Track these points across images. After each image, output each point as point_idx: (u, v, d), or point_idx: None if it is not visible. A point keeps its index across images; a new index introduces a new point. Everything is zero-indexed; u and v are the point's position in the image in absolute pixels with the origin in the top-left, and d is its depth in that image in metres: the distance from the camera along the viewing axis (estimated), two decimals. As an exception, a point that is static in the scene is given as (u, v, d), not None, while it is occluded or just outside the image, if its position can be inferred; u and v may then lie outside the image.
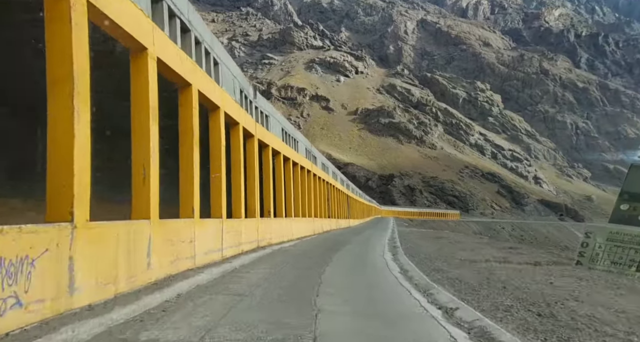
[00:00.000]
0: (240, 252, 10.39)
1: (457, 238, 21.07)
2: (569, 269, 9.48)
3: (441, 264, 10.35)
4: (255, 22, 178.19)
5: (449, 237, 21.21)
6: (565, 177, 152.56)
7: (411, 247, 14.73)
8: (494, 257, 11.91)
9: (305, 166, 20.19)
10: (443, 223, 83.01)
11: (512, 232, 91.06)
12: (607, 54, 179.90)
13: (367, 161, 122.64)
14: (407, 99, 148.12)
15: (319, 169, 24.13)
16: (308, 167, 20.71)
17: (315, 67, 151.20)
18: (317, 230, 22.09)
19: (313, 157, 22.67)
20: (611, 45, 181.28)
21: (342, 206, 33.74)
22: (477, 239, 21.37)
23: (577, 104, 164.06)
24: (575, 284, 7.39)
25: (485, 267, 9.65)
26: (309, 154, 21.35)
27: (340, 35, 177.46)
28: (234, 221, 10.25)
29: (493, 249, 14.87)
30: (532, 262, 10.54)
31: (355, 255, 12.38)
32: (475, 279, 7.80)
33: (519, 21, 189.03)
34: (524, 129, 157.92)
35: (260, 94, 13.87)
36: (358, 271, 9.33)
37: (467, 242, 17.70)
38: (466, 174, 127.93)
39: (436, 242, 17.75)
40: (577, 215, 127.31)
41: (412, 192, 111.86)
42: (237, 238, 10.39)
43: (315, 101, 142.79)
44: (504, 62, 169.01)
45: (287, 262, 9.72)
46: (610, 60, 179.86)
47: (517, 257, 12.12)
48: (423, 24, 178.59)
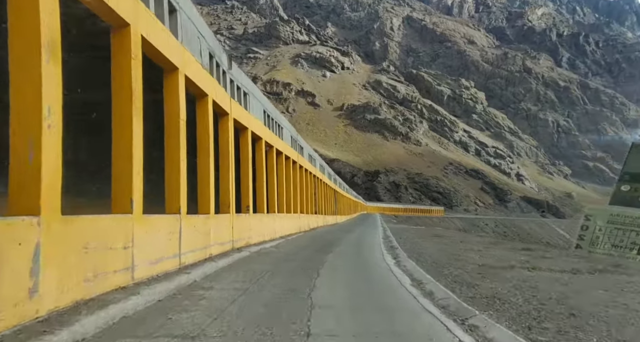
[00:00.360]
0: (207, 258, 8.07)
1: (456, 236, 19.07)
2: (624, 278, 7.43)
3: (458, 271, 8.22)
4: (241, 15, 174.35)
5: (446, 236, 19.17)
6: (547, 175, 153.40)
7: (412, 248, 12.59)
8: (516, 261, 9.84)
9: (291, 156, 17.89)
10: (427, 219, 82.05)
11: (495, 228, 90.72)
12: (587, 53, 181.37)
13: (353, 157, 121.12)
14: (392, 96, 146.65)
15: (306, 161, 21.84)
16: (294, 157, 18.40)
17: (301, 62, 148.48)
18: (303, 227, 19.83)
19: (299, 147, 20.37)
20: (591, 45, 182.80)
21: (329, 202, 31.52)
22: (477, 237, 19.38)
23: (559, 103, 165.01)
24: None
25: (517, 277, 7.54)
26: (294, 143, 19.05)
27: (326, 31, 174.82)
28: (198, 218, 7.92)
29: (504, 251, 12.83)
30: (568, 270, 8.48)
31: (351, 259, 10.13)
32: (521, 298, 5.67)
33: (503, 20, 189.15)
34: (507, 127, 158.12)
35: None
36: (359, 283, 7.12)
37: (471, 242, 15.65)
38: (450, 170, 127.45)
39: (436, 241, 15.66)
40: (558, 212, 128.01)
41: (397, 188, 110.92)
42: (203, 239, 8.07)
43: (301, 96, 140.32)
44: (488, 60, 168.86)
45: (267, 272, 7.44)
46: (591, 59, 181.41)
47: (542, 261, 10.06)
48: (409, 21, 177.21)
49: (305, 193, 21.52)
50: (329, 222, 29.69)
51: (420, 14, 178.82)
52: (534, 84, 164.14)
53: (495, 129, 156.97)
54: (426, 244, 14.28)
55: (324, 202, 28.69)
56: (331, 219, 31.10)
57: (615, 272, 8.29)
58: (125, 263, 5.14)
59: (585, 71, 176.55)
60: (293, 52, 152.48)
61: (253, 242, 11.85)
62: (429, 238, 17.27)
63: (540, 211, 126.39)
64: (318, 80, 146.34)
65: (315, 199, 24.96)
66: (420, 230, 24.97)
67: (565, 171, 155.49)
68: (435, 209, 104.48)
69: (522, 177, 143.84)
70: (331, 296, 5.71)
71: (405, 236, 17.76)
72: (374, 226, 27.93)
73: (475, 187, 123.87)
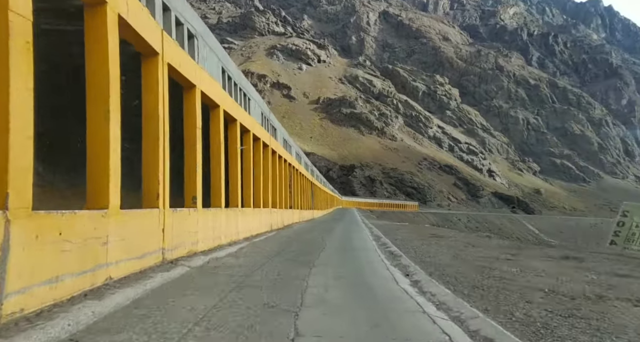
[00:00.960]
0: (88, 289, 4.31)
1: (456, 236, 15.77)
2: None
3: (524, 305, 4.82)
4: (215, 4, 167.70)
5: (446, 236, 15.84)
6: (517, 171, 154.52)
7: (419, 256, 9.15)
8: (587, 282, 6.51)
9: (261, 137, 14.12)
10: (402, 214, 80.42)
11: (467, 223, 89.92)
12: (556, 53, 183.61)
13: (329, 151, 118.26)
14: (368, 90, 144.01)
15: (280, 146, 18.09)
16: (265, 139, 14.63)
17: (276, 54, 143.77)
18: (275, 224, 16.13)
19: (272, 127, 16.61)
20: (560, 45, 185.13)
21: (306, 195, 27.86)
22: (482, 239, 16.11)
23: (529, 101, 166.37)
24: None
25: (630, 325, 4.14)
26: (266, 121, 15.26)
27: (302, 23, 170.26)
28: (71, 218, 4.08)
29: (541, 261, 9.55)
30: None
31: (346, 281, 6.41)
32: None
33: (477, 18, 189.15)
34: (480, 123, 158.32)
35: None
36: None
37: (481, 245, 12.34)
38: (425, 166, 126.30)
39: (441, 244, 12.28)
40: (528, 207, 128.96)
41: (372, 183, 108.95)
42: (89, 255, 4.31)
43: (277, 89, 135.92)
44: (462, 57, 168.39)
45: (193, 323, 3.74)
46: (559, 59, 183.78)
47: (628, 283, 6.78)
48: (385, 16, 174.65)
49: (279, 184, 17.82)
50: (305, 217, 26.10)
51: (397, 9, 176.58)
52: (506, 82, 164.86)
53: (468, 125, 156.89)
54: (431, 249, 10.86)
55: (300, 195, 25.03)
56: (307, 214, 27.50)
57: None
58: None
59: (554, 70, 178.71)
60: (269, 44, 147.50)
61: (201, 249, 8.11)
62: (428, 239, 13.90)
63: (510, 207, 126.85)
64: (294, 72, 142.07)
65: (290, 191, 21.27)
66: (409, 228, 21.63)
67: (534, 167, 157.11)
68: (410, 204, 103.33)
69: (494, 173, 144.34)
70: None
71: (400, 237, 14.32)
72: (356, 222, 24.49)
73: (449, 183, 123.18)
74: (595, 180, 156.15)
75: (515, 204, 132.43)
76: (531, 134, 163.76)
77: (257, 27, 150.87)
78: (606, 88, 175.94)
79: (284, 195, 18.92)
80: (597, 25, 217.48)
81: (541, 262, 8.96)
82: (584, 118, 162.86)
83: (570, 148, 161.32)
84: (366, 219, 30.83)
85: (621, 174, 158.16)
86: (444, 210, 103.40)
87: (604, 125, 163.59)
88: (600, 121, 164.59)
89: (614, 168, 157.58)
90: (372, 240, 13.01)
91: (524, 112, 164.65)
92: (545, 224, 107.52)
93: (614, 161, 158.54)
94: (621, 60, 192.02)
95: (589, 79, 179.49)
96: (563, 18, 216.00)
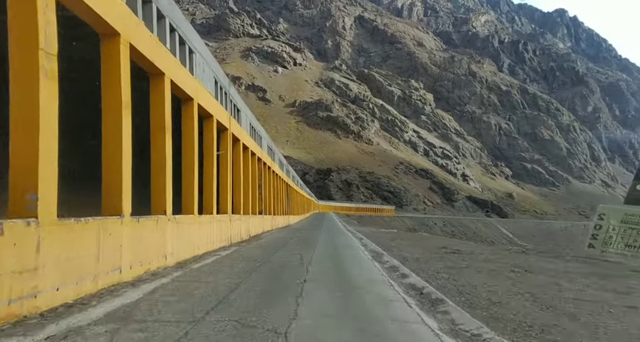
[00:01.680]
0: None
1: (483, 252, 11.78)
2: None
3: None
4: (188, 6, 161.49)
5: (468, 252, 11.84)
6: (490, 175, 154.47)
7: (469, 300, 5.04)
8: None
9: (215, 114, 9.80)
10: (380, 219, 77.76)
11: (443, 227, 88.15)
12: (526, 60, 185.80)
13: (305, 155, 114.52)
14: (345, 94, 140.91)
15: (246, 133, 13.73)
16: (221, 117, 10.29)
17: (252, 56, 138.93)
18: (237, 236, 11.77)
19: (235, 108, 12.27)
20: (529, 52, 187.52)
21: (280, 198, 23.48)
22: (519, 254, 12.14)
23: (501, 106, 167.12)
24: None
25: None
26: (224, 95, 10.91)
27: (278, 27, 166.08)
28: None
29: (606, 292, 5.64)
30: None
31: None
32: None
33: (450, 25, 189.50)
34: (454, 128, 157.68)
35: None
36: None
37: (541, 271, 8.38)
38: (401, 170, 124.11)
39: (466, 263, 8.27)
40: (502, 211, 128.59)
41: (349, 187, 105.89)
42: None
43: (252, 91, 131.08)
44: (435, 62, 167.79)
45: None
46: (529, 66, 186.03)
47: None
48: (360, 21, 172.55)
49: (245, 183, 13.48)
50: (279, 224, 21.82)
51: (372, 14, 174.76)
52: (479, 88, 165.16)
53: (443, 130, 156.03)
54: (466, 275, 6.83)
55: (273, 198, 20.66)
56: (282, 220, 23.18)
57: None
58: None
59: (524, 77, 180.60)
60: (244, 46, 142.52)
61: (45, 304, 3.77)
62: (445, 256, 9.89)
63: (485, 211, 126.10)
64: (269, 75, 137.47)
65: (260, 192, 16.92)
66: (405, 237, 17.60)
67: (507, 171, 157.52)
68: (387, 208, 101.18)
69: (467, 177, 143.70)
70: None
71: (407, 254, 10.22)
72: (339, 231, 20.31)
73: (424, 187, 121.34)
74: (564, 184, 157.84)
75: (489, 208, 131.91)
76: (503, 139, 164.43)
77: (231, 29, 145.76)
78: (573, 95, 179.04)
79: (250, 198, 14.56)
80: (563, 34, 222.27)
81: (604, 291, 5.10)
82: (553, 124, 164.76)
83: (540, 153, 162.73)
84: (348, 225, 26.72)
85: (588, 178, 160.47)
86: (420, 214, 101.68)
87: (572, 131, 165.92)
88: (568, 127, 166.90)
89: (582, 173, 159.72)
90: (374, 261, 8.87)
91: (496, 118, 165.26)
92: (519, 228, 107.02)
93: (581, 166, 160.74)
94: (586, 69, 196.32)
95: (557, 86, 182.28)
96: (531, 27, 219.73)
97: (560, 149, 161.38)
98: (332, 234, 17.72)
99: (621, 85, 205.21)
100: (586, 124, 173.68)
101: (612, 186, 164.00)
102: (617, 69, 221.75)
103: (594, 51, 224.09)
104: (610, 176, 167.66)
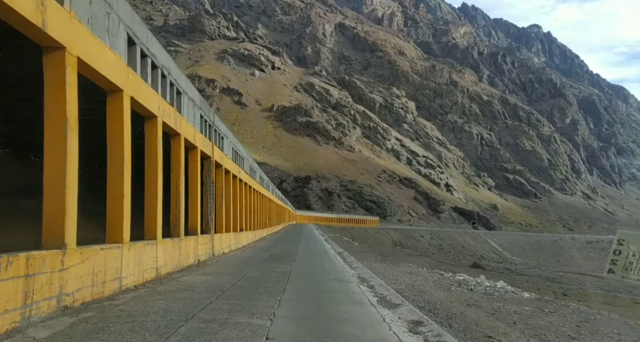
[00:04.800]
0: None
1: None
2: None
3: None
4: (162, 7, 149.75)
5: None
6: (473, 186, 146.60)
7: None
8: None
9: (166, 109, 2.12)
10: (363, 231, 66.85)
11: (430, 240, 77.82)
12: (505, 72, 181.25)
13: (282, 162, 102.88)
14: (325, 99, 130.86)
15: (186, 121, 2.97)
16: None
17: (227, 59, 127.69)
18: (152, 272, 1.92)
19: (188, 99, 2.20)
20: (508, 64, 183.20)
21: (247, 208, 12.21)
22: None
23: (482, 116, 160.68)
24: None
25: None
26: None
27: (256, 32, 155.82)
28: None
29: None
30: None
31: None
32: None
33: (430, 35, 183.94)
34: (436, 137, 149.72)
35: None
36: None
37: None
38: (384, 178, 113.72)
39: None
40: (488, 223, 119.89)
41: (329, 196, 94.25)
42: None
43: (227, 94, 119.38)
44: (417, 71, 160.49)
45: None
46: (508, 78, 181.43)
47: None
48: (341, 28, 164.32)
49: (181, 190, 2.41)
50: (241, 242, 10.54)
51: (353, 22, 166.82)
52: (460, 97, 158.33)
53: (425, 139, 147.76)
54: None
55: (234, 208, 9.35)
56: (246, 237, 11.87)
57: None
58: None
59: (504, 88, 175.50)
60: (219, 48, 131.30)
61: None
62: None
63: (471, 222, 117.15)
64: (246, 78, 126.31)
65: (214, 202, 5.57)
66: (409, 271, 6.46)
67: (490, 182, 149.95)
68: (370, 219, 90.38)
69: (451, 187, 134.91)
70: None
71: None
72: (324, 252, 9.43)
73: (409, 197, 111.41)
74: (546, 196, 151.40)
75: (476, 219, 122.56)
76: (485, 149, 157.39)
77: (207, 31, 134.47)
78: (551, 107, 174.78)
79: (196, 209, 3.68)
80: (537, 49, 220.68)
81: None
82: (534, 134, 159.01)
83: (522, 164, 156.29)
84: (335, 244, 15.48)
85: (570, 190, 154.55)
86: (404, 225, 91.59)
87: (552, 142, 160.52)
88: (549, 138, 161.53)
89: (563, 184, 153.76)
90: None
91: (477, 127, 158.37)
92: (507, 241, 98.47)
93: (562, 178, 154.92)
94: (559, 83, 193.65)
95: (536, 97, 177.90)
96: (507, 41, 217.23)
97: (541, 160, 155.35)
98: (320, 258, 7.70)
99: (594, 99, 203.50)
100: (565, 135, 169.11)
101: (593, 198, 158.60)
102: (589, 84, 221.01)
103: (566, 66, 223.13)
104: (590, 187, 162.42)
